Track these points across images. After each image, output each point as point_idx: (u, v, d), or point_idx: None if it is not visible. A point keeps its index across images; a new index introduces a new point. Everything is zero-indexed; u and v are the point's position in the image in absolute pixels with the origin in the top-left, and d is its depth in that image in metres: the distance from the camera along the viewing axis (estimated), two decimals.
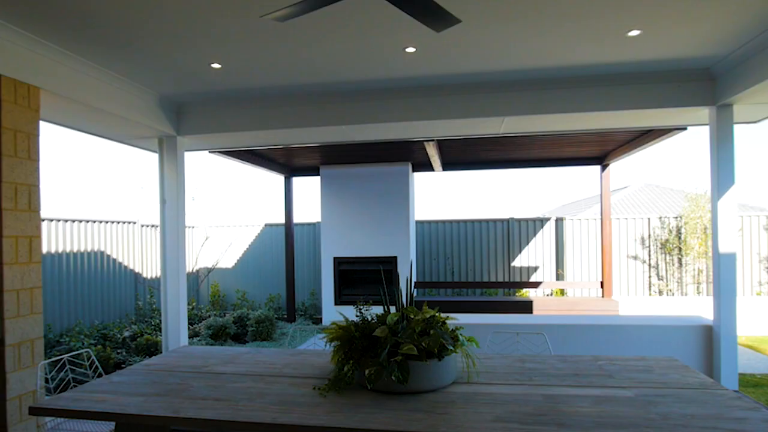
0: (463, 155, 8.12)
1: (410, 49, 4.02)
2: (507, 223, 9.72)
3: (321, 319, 8.82)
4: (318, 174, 8.81)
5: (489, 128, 5.41)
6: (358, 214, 8.58)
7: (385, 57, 4.17)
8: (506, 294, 9.54)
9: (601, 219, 8.63)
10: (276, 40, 3.76)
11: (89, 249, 7.62)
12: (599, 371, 2.50)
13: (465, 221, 9.82)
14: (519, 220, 9.71)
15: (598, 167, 8.47)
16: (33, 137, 3.67)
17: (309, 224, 9.95)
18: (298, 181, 9.32)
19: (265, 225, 10.03)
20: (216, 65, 4.27)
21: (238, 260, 10.08)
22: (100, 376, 3.19)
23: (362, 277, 8.62)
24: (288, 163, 8.62)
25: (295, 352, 2.99)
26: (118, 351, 6.37)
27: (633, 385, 2.24)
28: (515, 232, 9.67)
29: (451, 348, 2.16)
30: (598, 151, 7.74)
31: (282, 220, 9.44)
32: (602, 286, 8.59)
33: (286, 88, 4.95)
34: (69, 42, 3.72)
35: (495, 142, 6.86)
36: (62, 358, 2.92)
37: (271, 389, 2.25)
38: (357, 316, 2.29)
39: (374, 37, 3.77)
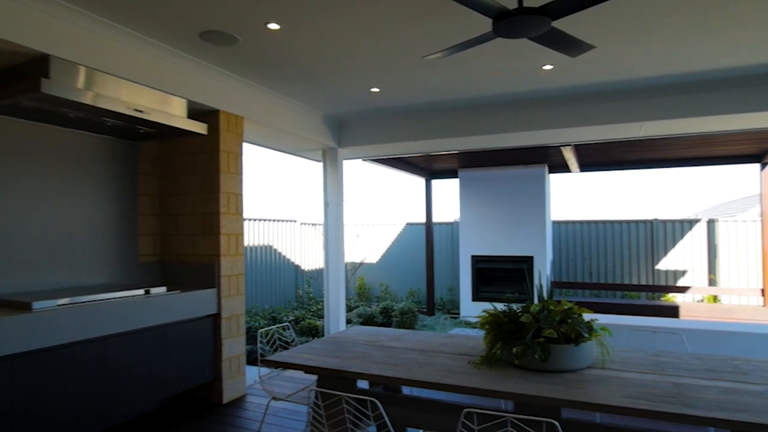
0: (601, 157, 8.09)
1: (547, 67, 4.36)
2: (650, 225, 9.38)
3: (458, 314, 9.34)
4: (456, 176, 9.34)
5: (628, 132, 5.49)
6: (495, 214, 8.95)
7: (524, 74, 4.55)
8: (649, 298, 9.22)
9: (762, 221, 8.01)
10: (429, 65, 4.35)
11: (260, 243, 8.96)
12: (734, 369, 2.68)
13: (604, 222, 9.68)
14: (664, 222, 9.32)
15: (757, 165, 7.88)
16: (238, 156, 4.67)
17: (446, 223, 10.51)
18: (436, 183, 9.94)
19: (406, 224, 10.81)
20: (375, 89, 4.98)
21: (381, 256, 10.99)
22: (283, 347, 4.04)
23: (499, 275, 8.97)
24: (428, 167, 9.28)
25: (448, 335, 3.54)
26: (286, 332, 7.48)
27: (766, 383, 2.43)
28: (659, 234, 9.30)
29: (587, 335, 2.54)
30: (756, 148, 7.24)
31: (421, 219, 10.14)
32: (763, 294, 7.98)
33: (433, 103, 5.54)
34: (266, 80, 4.67)
35: (637, 143, 6.80)
36: (272, 329, 3.78)
37: (434, 360, 2.82)
38: (504, 306, 2.77)
39: (515, 60, 4.18)
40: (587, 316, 2.72)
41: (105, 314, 3.44)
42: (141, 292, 3.82)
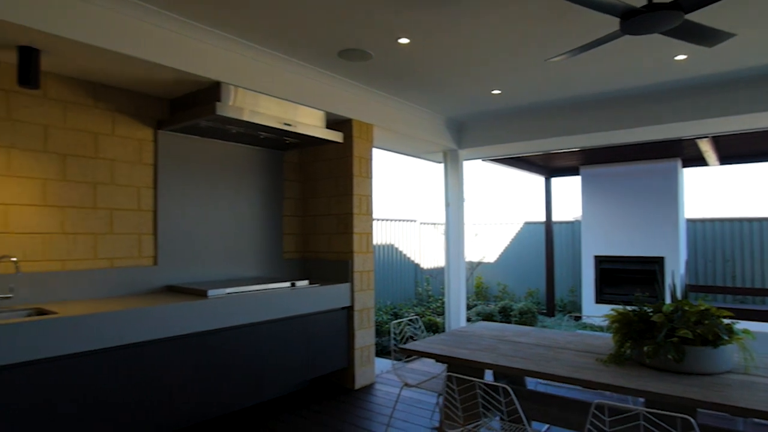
0: (746, 147, 7.39)
1: (680, 57, 4.18)
2: None
3: (580, 316, 9.06)
4: (577, 173, 9.07)
5: None
6: (620, 213, 8.56)
7: (653, 66, 4.40)
8: None
9: None
10: (551, 65, 4.38)
11: (384, 242, 9.42)
12: None
13: (750, 219, 8.79)
14: None
15: None
16: (368, 161, 5.05)
17: (566, 222, 10.22)
18: (555, 181, 9.72)
19: (525, 223, 10.68)
20: (496, 91, 5.10)
21: (499, 255, 10.97)
22: (411, 339, 4.32)
23: (625, 277, 8.57)
24: (548, 165, 9.11)
25: (573, 333, 3.59)
26: (409, 327, 7.83)
27: None
28: None
29: (726, 338, 2.48)
30: None
31: (539, 218, 9.97)
32: None
33: (554, 102, 5.52)
34: (393, 89, 5.00)
35: None
36: (402, 321, 4.09)
37: (561, 356, 2.91)
38: (635, 305, 2.78)
39: (643, 53, 4.08)
40: (726, 320, 2.65)
41: (261, 303, 3.96)
42: (288, 284, 4.32)
